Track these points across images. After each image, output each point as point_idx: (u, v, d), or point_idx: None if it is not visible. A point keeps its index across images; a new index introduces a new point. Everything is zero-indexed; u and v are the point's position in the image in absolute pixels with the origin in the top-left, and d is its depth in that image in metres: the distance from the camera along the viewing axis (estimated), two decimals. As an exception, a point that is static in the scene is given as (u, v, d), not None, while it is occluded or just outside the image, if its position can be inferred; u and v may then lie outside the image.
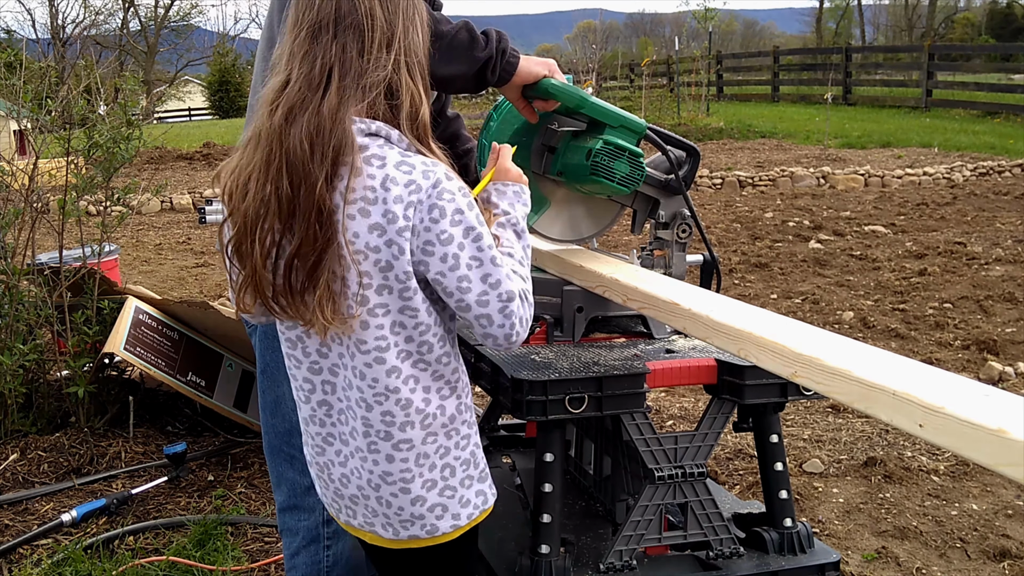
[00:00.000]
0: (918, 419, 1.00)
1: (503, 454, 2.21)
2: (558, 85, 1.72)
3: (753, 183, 10.71)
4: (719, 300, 1.50)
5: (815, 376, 1.15)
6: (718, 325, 1.34)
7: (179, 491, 3.20)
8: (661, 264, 1.93)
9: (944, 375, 1.10)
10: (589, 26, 54.48)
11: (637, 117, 1.79)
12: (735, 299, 1.51)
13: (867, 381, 1.06)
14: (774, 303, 5.74)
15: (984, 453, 0.94)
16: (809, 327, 1.32)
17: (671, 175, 1.91)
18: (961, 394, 1.02)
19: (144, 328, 3.47)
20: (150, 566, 2.65)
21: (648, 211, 1.94)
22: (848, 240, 7.61)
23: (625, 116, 1.77)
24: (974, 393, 1.03)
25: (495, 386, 1.59)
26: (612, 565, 1.53)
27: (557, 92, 1.72)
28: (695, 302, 1.45)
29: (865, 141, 14.02)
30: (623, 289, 1.64)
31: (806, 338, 1.24)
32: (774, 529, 1.65)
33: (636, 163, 1.76)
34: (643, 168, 1.77)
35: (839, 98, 18.64)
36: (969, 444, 0.95)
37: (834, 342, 1.24)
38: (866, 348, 1.21)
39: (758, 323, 1.31)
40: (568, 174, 1.83)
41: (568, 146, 1.83)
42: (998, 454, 0.92)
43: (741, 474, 3.29)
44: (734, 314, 1.37)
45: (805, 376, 1.16)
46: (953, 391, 1.03)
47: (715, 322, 1.35)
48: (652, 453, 1.54)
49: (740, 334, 1.29)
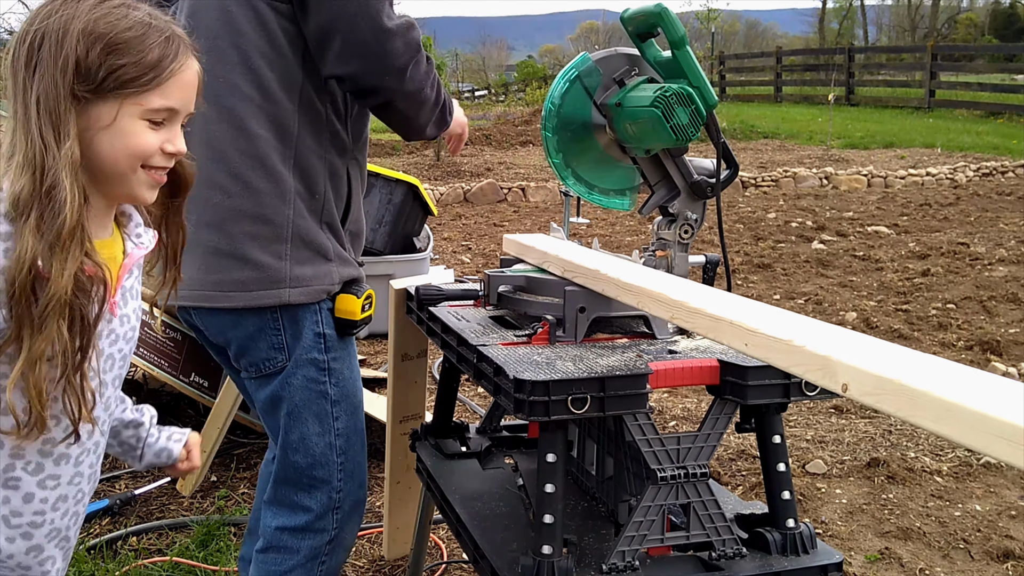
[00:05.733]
0: (743, 339, 1.26)
1: (505, 455, 2.21)
2: (671, 14, 1.80)
3: (756, 184, 10.70)
4: (634, 268, 1.76)
5: (682, 316, 1.42)
6: (625, 284, 1.61)
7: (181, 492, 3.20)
8: (663, 264, 1.94)
9: (762, 309, 1.35)
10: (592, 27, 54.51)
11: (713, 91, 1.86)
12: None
13: (717, 316, 1.33)
14: (777, 304, 5.73)
15: (789, 361, 1.18)
16: (703, 287, 1.57)
17: (702, 176, 1.94)
18: (776, 317, 1.29)
19: (146, 328, 3.47)
20: (153, 567, 2.65)
21: (663, 199, 1.95)
22: (851, 241, 7.61)
23: (706, 82, 1.84)
24: (791, 319, 1.28)
25: (496, 386, 1.59)
26: (615, 566, 1.53)
27: (665, 21, 1.80)
28: (612, 269, 1.70)
29: (868, 142, 14.01)
30: (561, 263, 1.87)
31: (688, 292, 1.49)
32: (777, 530, 1.65)
33: (695, 120, 1.80)
34: (697, 130, 1.81)
35: (842, 99, 18.64)
36: (783, 359, 1.18)
37: (710, 293, 1.48)
38: (737, 300, 1.42)
39: (654, 281, 1.58)
40: (626, 106, 1.88)
41: (639, 85, 1.91)
42: (789, 356, 1.16)
43: (744, 475, 3.29)
44: (641, 277, 1.63)
45: (680, 319, 1.43)
46: (768, 318, 1.28)
47: (623, 282, 1.61)
48: (655, 454, 1.54)
49: (639, 290, 1.56)
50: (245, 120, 1.71)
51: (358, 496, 1.96)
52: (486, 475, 2.08)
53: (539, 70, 29.89)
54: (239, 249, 1.73)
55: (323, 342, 1.82)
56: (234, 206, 1.72)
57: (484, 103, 23.56)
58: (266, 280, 1.74)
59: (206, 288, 1.74)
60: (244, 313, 1.76)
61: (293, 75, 1.72)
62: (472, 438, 2.23)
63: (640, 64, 1.97)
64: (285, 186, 1.74)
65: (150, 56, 1.20)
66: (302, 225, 1.76)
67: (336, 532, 1.92)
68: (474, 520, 1.82)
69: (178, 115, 1.27)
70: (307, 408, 1.84)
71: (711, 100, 1.83)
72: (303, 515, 1.90)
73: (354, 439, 1.93)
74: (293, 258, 1.75)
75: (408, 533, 2.61)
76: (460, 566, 2.75)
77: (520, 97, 22.49)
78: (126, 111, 1.21)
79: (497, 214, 9.42)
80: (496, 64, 49.43)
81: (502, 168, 11.76)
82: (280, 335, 1.79)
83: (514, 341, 1.76)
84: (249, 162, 1.72)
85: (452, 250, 7.56)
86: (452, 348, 1.87)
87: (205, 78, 1.30)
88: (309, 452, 1.86)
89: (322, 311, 1.82)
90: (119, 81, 1.19)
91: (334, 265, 1.82)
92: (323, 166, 1.79)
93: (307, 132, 1.76)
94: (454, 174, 11.23)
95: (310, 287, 1.77)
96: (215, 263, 1.74)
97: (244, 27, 1.70)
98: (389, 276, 2.75)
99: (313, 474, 1.87)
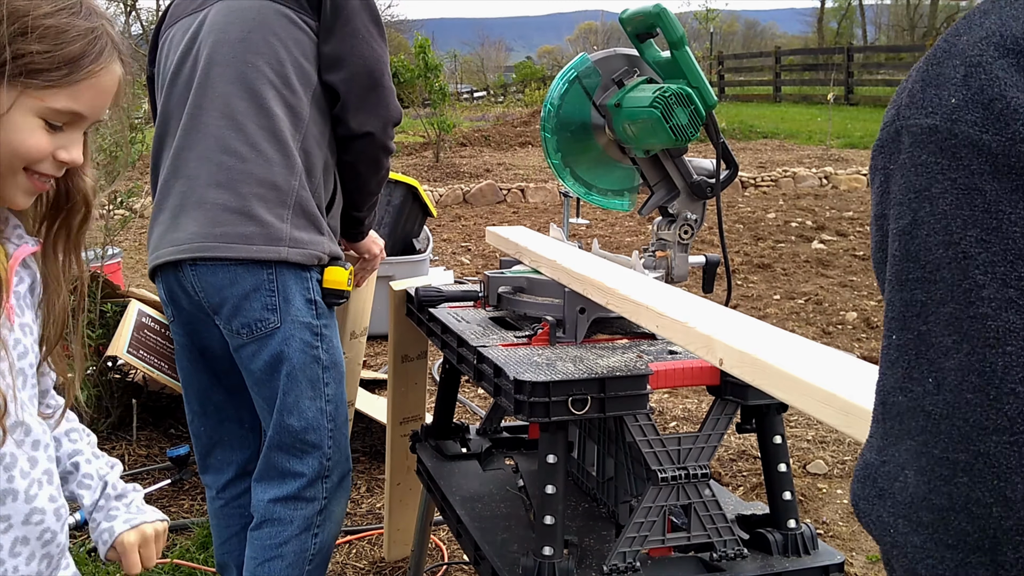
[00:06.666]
0: (655, 321, 1.42)
1: (506, 456, 2.21)
2: (669, 14, 1.80)
3: (755, 184, 10.70)
4: (584, 257, 1.89)
5: (615, 302, 1.55)
6: (574, 273, 1.73)
7: (182, 494, 3.20)
8: (663, 265, 1.93)
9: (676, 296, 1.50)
10: (590, 28, 54.54)
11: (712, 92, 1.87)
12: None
13: (638, 301, 1.47)
14: (777, 304, 5.74)
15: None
16: (637, 276, 1.70)
17: (701, 176, 1.93)
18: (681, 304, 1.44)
19: (147, 331, 3.47)
20: (153, 568, 2.65)
21: (662, 200, 1.95)
22: (851, 240, 7.61)
23: (706, 82, 1.84)
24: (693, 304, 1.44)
25: (497, 387, 1.59)
26: (616, 567, 1.53)
27: (664, 21, 1.80)
28: (566, 260, 1.83)
29: (868, 141, 14.00)
30: (528, 255, 2.02)
31: (621, 280, 1.62)
32: (778, 530, 1.65)
33: (695, 121, 1.80)
34: (697, 130, 1.81)
35: (841, 98, 18.63)
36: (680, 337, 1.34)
37: (638, 282, 1.62)
38: (660, 288, 1.56)
39: (594, 270, 1.72)
40: (625, 106, 1.88)
41: (639, 85, 1.90)
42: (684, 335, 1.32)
43: (745, 475, 3.28)
44: (584, 265, 1.77)
45: (613, 304, 1.57)
46: (674, 304, 1.43)
47: (574, 272, 1.73)
48: (655, 454, 1.54)
49: (583, 278, 1.69)
50: (266, 100, 1.91)
51: (345, 468, 2.06)
52: (487, 476, 2.07)
53: (538, 71, 29.90)
54: (247, 207, 1.88)
55: (314, 308, 1.95)
56: (247, 170, 1.89)
57: (483, 104, 23.57)
58: (268, 236, 1.88)
59: (209, 240, 1.88)
60: (242, 271, 1.88)
61: (309, 75, 1.95)
62: (472, 439, 2.23)
63: (639, 64, 1.97)
64: (293, 161, 1.92)
65: (68, 50, 1.05)
66: (304, 196, 1.93)
67: (326, 502, 2.02)
68: (475, 521, 1.82)
69: (83, 122, 1.10)
70: (303, 371, 1.94)
71: (710, 100, 1.83)
72: (294, 482, 1.99)
73: (341, 408, 2.04)
74: (293, 223, 1.91)
75: (409, 534, 2.61)
76: (460, 567, 2.75)
77: (519, 98, 22.50)
78: (23, 104, 1.04)
79: (496, 215, 9.42)
80: (495, 65, 49.46)
81: (501, 169, 11.75)
82: (274, 296, 1.90)
83: (514, 342, 1.76)
84: (265, 135, 1.90)
85: (452, 251, 7.56)
86: (452, 349, 1.87)
87: (234, 62, 1.19)
88: (303, 416, 1.95)
89: (312, 279, 1.95)
90: (24, 69, 1.03)
91: (326, 238, 1.98)
92: (321, 156, 1.98)
93: (314, 123, 1.96)
94: (453, 175, 11.23)
95: (306, 250, 1.92)
96: (222, 218, 1.88)
97: (277, 29, 1.94)
98: (389, 277, 2.75)
99: (306, 438, 1.97)
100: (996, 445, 0.55)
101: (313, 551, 2.02)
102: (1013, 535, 0.55)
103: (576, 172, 2.04)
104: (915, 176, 0.61)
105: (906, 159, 0.62)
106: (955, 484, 0.57)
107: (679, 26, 1.82)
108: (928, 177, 0.60)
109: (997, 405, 0.55)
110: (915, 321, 0.60)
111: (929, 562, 0.58)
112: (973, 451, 0.56)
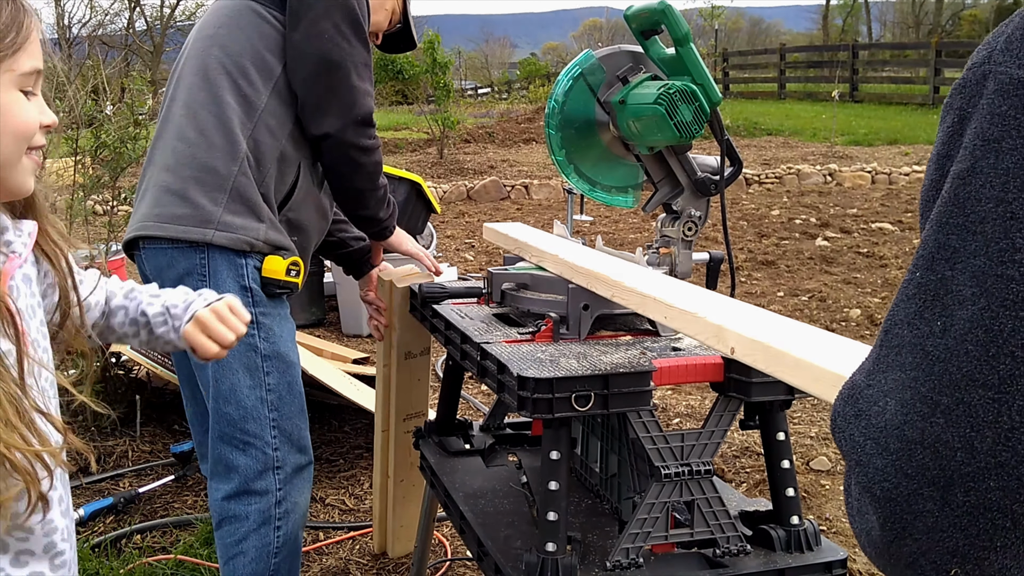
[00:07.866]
0: (663, 312, 1.44)
1: (509, 452, 2.21)
2: (674, 11, 1.81)
3: (760, 181, 10.69)
4: (585, 252, 1.93)
5: (621, 294, 1.58)
6: (577, 267, 1.76)
7: (186, 489, 3.20)
8: (667, 262, 1.93)
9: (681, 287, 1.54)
10: (595, 24, 54.45)
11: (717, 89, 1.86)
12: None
13: (645, 293, 1.49)
14: (780, 300, 5.73)
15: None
16: (640, 270, 1.74)
17: (706, 173, 1.93)
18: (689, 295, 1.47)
19: (151, 327, 3.47)
20: (157, 564, 2.66)
21: (667, 196, 1.95)
22: (855, 237, 7.59)
23: (710, 79, 1.84)
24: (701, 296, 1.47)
25: (500, 384, 1.59)
26: (619, 563, 1.53)
27: (669, 18, 1.80)
28: (567, 254, 1.86)
29: (872, 138, 13.98)
30: (528, 250, 2.05)
31: (625, 273, 1.65)
32: (781, 527, 1.65)
33: (699, 118, 1.80)
34: (701, 127, 1.81)
35: (846, 95, 18.59)
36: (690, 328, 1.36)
37: (643, 274, 1.66)
38: (665, 280, 1.60)
39: (597, 263, 1.75)
40: (629, 103, 1.88)
41: (643, 82, 1.90)
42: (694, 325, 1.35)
43: (748, 472, 3.28)
44: (587, 259, 1.80)
45: (619, 296, 1.59)
46: (681, 295, 1.45)
47: (577, 265, 1.76)
48: (659, 451, 1.54)
49: (586, 271, 1.71)
50: (220, 89, 1.98)
51: (300, 461, 2.05)
52: (490, 473, 2.07)
53: (542, 68, 29.88)
54: (184, 189, 1.95)
55: (250, 296, 1.96)
56: (191, 154, 1.96)
57: (487, 101, 23.54)
58: (198, 218, 1.93)
59: (150, 219, 1.96)
60: (177, 254, 1.94)
61: (272, 67, 2.00)
62: (476, 436, 2.23)
63: (644, 61, 1.96)
64: (237, 148, 1.96)
65: (6, 12, 1.00)
66: (244, 183, 1.96)
67: (282, 495, 2.01)
68: (478, 517, 1.82)
69: (40, 79, 1.05)
70: (236, 358, 1.94)
71: (715, 97, 1.83)
72: (236, 477, 1.98)
73: (288, 400, 2.02)
74: (227, 208, 1.94)
75: (412, 531, 2.61)
76: (464, 563, 2.75)
77: (523, 95, 22.47)
78: (4, 81, 0.98)
79: (500, 212, 9.42)
80: (499, 62, 49.40)
81: (505, 166, 11.75)
82: (205, 281, 1.93)
83: (518, 338, 1.76)
84: (214, 121, 1.96)
85: (455, 248, 7.56)
86: (456, 346, 1.87)
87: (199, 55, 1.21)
88: (240, 404, 1.96)
89: (248, 267, 1.97)
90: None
91: (264, 226, 1.98)
92: (275, 147, 2.00)
93: (271, 115, 1.99)
94: (457, 172, 11.23)
95: (234, 235, 1.94)
96: (163, 199, 1.96)
97: (244, 23, 2.01)
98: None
99: (246, 427, 1.97)
100: (980, 399, 0.58)
101: (277, 544, 2.01)
102: (967, 480, 0.58)
103: (580, 169, 2.04)
104: (989, 124, 0.61)
105: (986, 105, 0.62)
106: (930, 422, 0.60)
107: (684, 23, 1.82)
108: (1003, 129, 0.60)
109: (993, 363, 0.57)
110: (942, 265, 0.61)
111: (885, 485, 0.62)
112: (957, 398, 0.59)
